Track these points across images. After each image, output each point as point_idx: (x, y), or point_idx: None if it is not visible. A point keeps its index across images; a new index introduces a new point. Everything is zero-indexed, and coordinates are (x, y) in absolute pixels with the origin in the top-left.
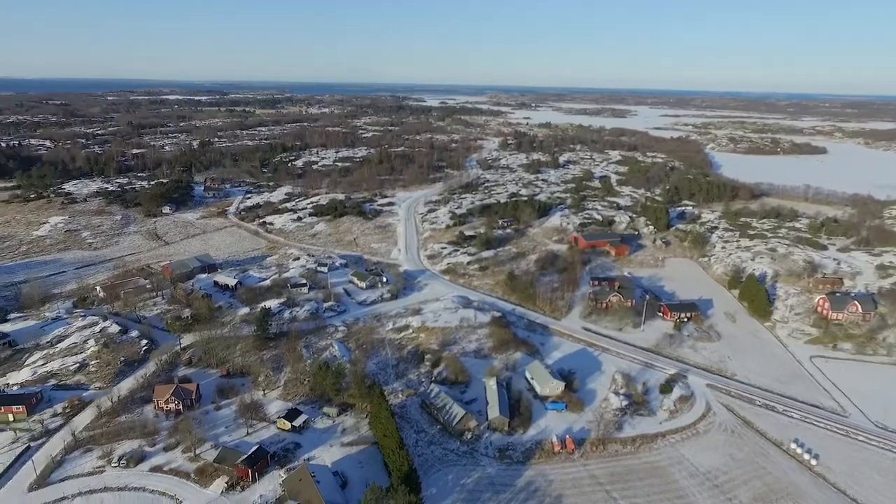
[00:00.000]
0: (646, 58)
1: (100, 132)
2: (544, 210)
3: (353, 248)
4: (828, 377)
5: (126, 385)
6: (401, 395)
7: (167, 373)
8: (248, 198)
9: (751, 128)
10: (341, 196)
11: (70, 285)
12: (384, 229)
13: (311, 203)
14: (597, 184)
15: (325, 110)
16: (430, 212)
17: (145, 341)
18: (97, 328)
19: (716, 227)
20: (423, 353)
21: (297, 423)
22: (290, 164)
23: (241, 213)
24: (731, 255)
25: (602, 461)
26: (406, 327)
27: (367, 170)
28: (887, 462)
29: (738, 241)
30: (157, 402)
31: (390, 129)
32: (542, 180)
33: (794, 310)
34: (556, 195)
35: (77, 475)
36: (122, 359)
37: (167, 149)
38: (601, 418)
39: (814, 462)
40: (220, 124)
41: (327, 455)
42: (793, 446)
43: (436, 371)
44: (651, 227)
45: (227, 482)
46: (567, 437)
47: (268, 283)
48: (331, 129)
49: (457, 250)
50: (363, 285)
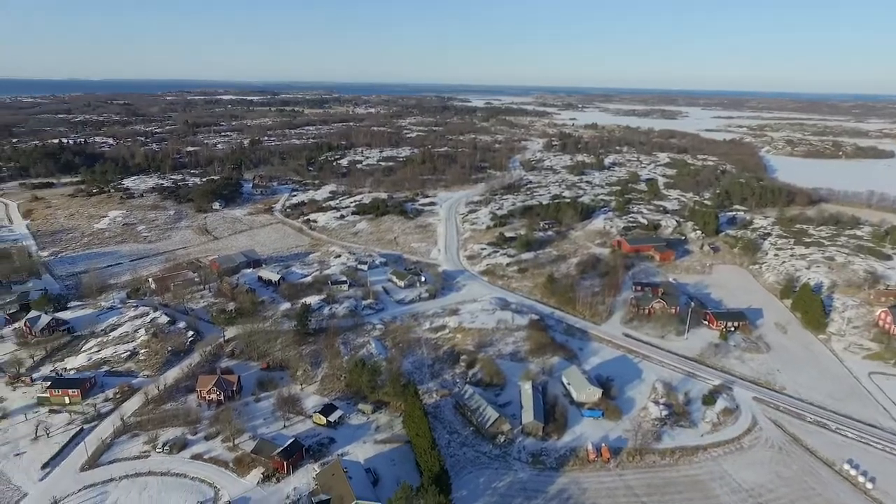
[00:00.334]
0: (698, 57)
1: (158, 130)
2: (587, 212)
3: (394, 246)
4: (888, 396)
5: (172, 374)
6: (435, 395)
7: (210, 364)
8: (294, 195)
9: (810, 130)
10: (384, 195)
11: (125, 276)
12: (425, 229)
13: (354, 202)
14: (643, 187)
15: (371, 110)
16: (470, 212)
17: (191, 332)
18: (148, 318)
19: (768, 234)
20: (458, 354)
21: (333, 418)
22: (335, 163)
23: (286, 210)
24: (784, 263)
25: (639, 472)
26: (443, 327)
27: (410, 169)
28: None
29: (792, 248)
30: (201, 391)
31: (434, 129)
32: (586, 182)
33: (851, 322)
34: (599, 198)
35: (124, 458)
36: (170, 349)
37: (219, 147)
38: (639, 428)
39: (869, 486)
40: (269, 123)
41: (360, 451)
42: (846, 467)
43: (471, 372)
44: (699, 232)
45: (263, 473)
46: (603, 445)
47: (309, 279)
48: (376, 128)
49: (496, 251)
50: (402, 284)
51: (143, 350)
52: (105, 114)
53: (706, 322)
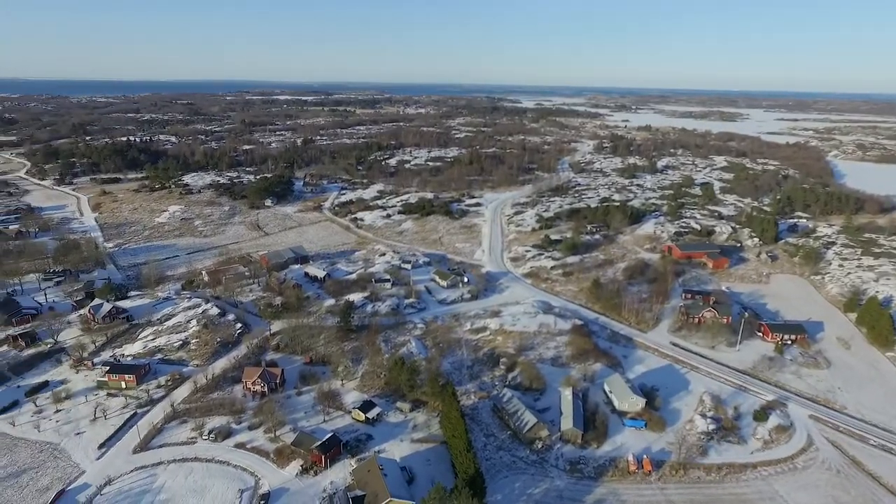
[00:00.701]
0: (761, 56)
1: (217, 129)
2: (637, 217)
3: (438, 246)
4: None
5: (220, 364)
6: (473, 397)
7: (256, 356)
8: (343, 194)
9: (885, 133)
10: (430, 195)
11: (181, 269)
12: (469, 229)
13: (401, 201)
14: (697, 191)
15: (422, 111)
16: (516, 214)
17: (240, 325)
18: (199, 310)
19: (833, 243)
20: (498, 357)
21: (371, 415)
22: (383, 163)
23: (335, 208)
24: (849, 274)
25: (681, 487)
26: (484, 329)
27: (457, 170)
28: None
29: (859, 258)
30: (246, 382)
31: (483, 129)
32: (637, 185)
33: None
34: (650, 201)
35: (173, 443)
36: (219, 340)
37: (273, 145)
38: (684, 441)
39: None
40: (322, 123)
41: (397, 449)
42: None
43: (510, 375)
44: (756, 239)
45: (301, 465)
46: (644, 456)
47: (354, 276)
48: (425, 129)
49: (541, 254)
50: (444, 284)
51: (194, 340)
52: (170, 113)
53: (760, 334)
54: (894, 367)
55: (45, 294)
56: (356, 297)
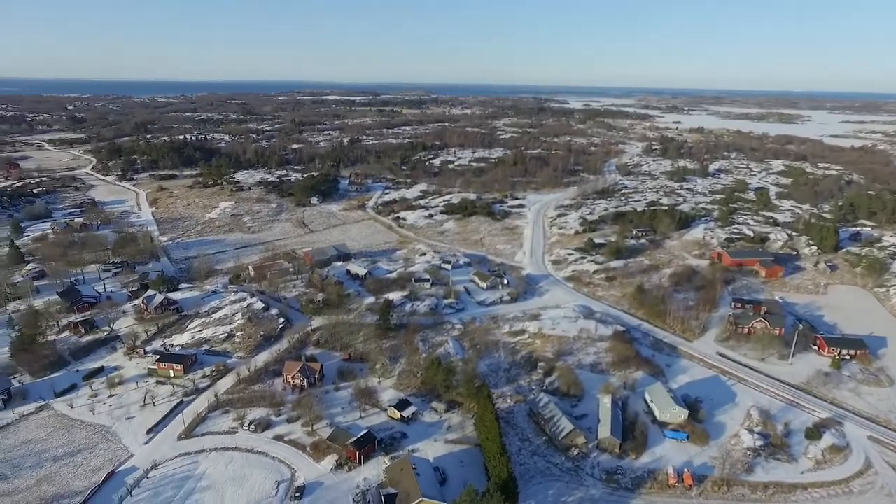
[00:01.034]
0: (825, 55)
1: (268, 128)
2: (686, 221)
3: (479, 247)
4: None
5: (262, 357)
6: (509, 401)
7: (297, 351)
8: (387, 193)
9: None
10: (472, 196)
11: (229, 263)
12: (511, 231)
13: (444, 201)
14: (751, 196)
15: (467, 111)
16: (559, 216)
17: (282, 320)
18: (245, 303)
19: None
20: (536, 360)
21: (406, 413)
22: (427, 163)
23: (378, 207)
24: None
25: None
26: (522, 332)
27: (501, 171)
28: None
29: None
30: (286, 376)
31: (528, 130)
32: (687, 189)
33: None
34: (701, 206)
35: (215, 432)
36: (262, 333)
37: (321, 145)
38: (728, 456)
39: None
40: (369, 123)
41: (430, 449)
42: None
43: (548, 380)
44: (814, 247)
45: (336, 460)
46: (686, 470)
47: (394, 275)
48: (470, 129)
49: (584, 258)
50: (484, 285)
51: (238, 333)
52: (224, 112)
53: (816, 347)
54: None
55: (104, 284)
56: (396, 295)
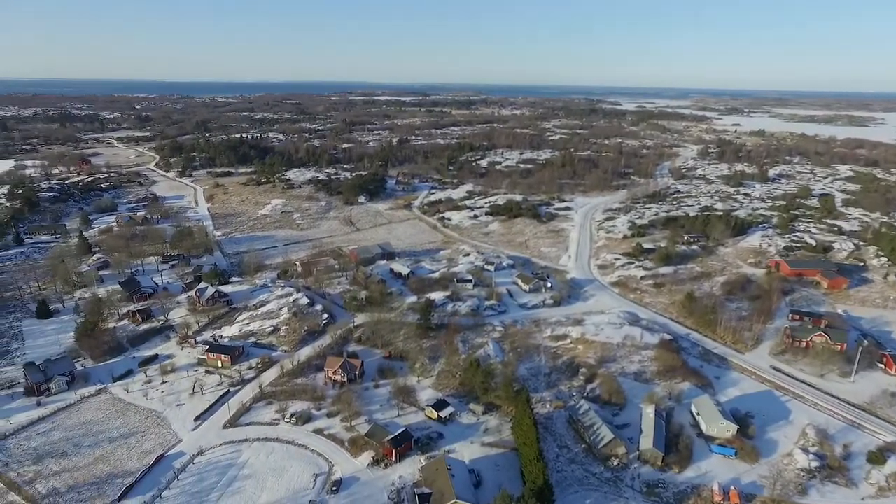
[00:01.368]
0: None
1: (320, 128)
2: (741, 228)
3: (523, 249)
4: None
5: (305, 352)
6: (548, 406)
7: (339, 347)
8: (433, 193)
9: None
10: (518, 197)
11: (278, 259)
12: (557, 234)
13: (489, 202)
14: (815, 202)
15: (517, 112)
16: (607, 219)
17: (326, 315)
18: (291, 298)
19: None
20: (578, 366)
21: (444, 414)
22: (474, 163)
23: (424, 206)
24: None
25: None
26: (564, 336)
27: (549, 172)
28: None
29: None
30: (328, 371)
31: (578, 132)
32: (744, 195)
33: None
34: (758, 212)
35: (258, 423)
36: (306, 328)
37: (370, 144)
38: (779, 475)
39: None
40: (418, 123)
41: (467, 451)
42: None
43: (589, 387)
44: (883, 258)
45: (373, 457)
46: (732, 488)
47: (437, 275)
48: (518, 130)
49: (631, 263)
50: (527, 288)
51: (284, 327)
52: (279, 112)
53: (882, 365)
54: None
55: (161, 275)
56: (438, 295)
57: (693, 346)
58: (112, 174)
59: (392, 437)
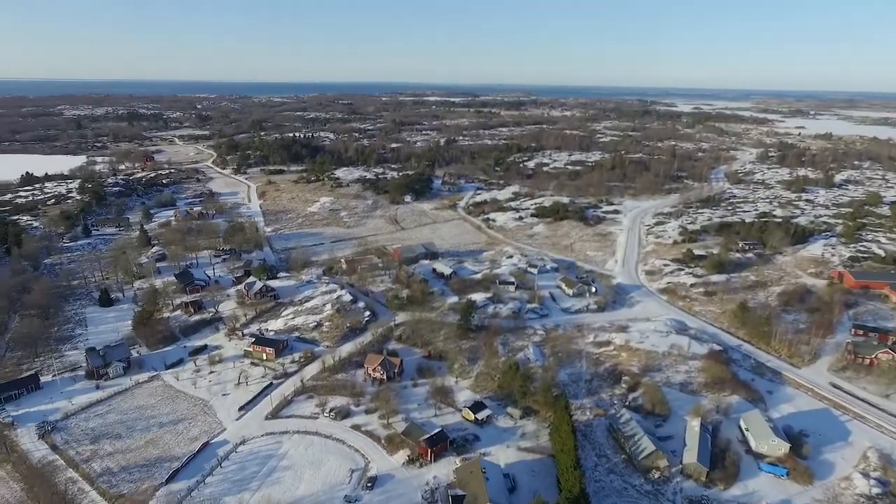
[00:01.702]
0: None
1: (370, 128)
2: (802, 236)
3: (568, 253)
4: None
5: (346, 348)
6: (588, 413)
7: (380, 344)
8: (478, 194)
9: None
10: (565, 199)
11: (324, 256)
12: (604, 237)
13: (535, 204)
14: (886, 211)
15: (567, 113)
16: (657, 224)
17: (368, 313)
18: (335, 295)
19: None
20: (620, 374)
21: (481, 416)
22: (521, 165)
23: (469, 207)
24: None
25: None
26: (607, 343)
27: (597, 175)
28: None
29: None
30: (367, 368)
31: (630, 134)
32: (806, 201)
33: None
34: (821, 220)
35: (299, 416)
36: (348, 325)
37: (418, 144)
38: (835, 500)
39: None
40: (466, 124)
41: (502, 455)
42: None
43: (631, 396)
44: None
45: (408, 456)
46: None
47: (479, 276)
48: (568, 131)
49: (681, 269)
50: (570, 292)
51: (327, 323)
52: (331, 112)
53: None
54: None
55: (214, 269)
56: (479, 296)
57: (744, 358)
58: (172, 170)
59: (428, 436)
